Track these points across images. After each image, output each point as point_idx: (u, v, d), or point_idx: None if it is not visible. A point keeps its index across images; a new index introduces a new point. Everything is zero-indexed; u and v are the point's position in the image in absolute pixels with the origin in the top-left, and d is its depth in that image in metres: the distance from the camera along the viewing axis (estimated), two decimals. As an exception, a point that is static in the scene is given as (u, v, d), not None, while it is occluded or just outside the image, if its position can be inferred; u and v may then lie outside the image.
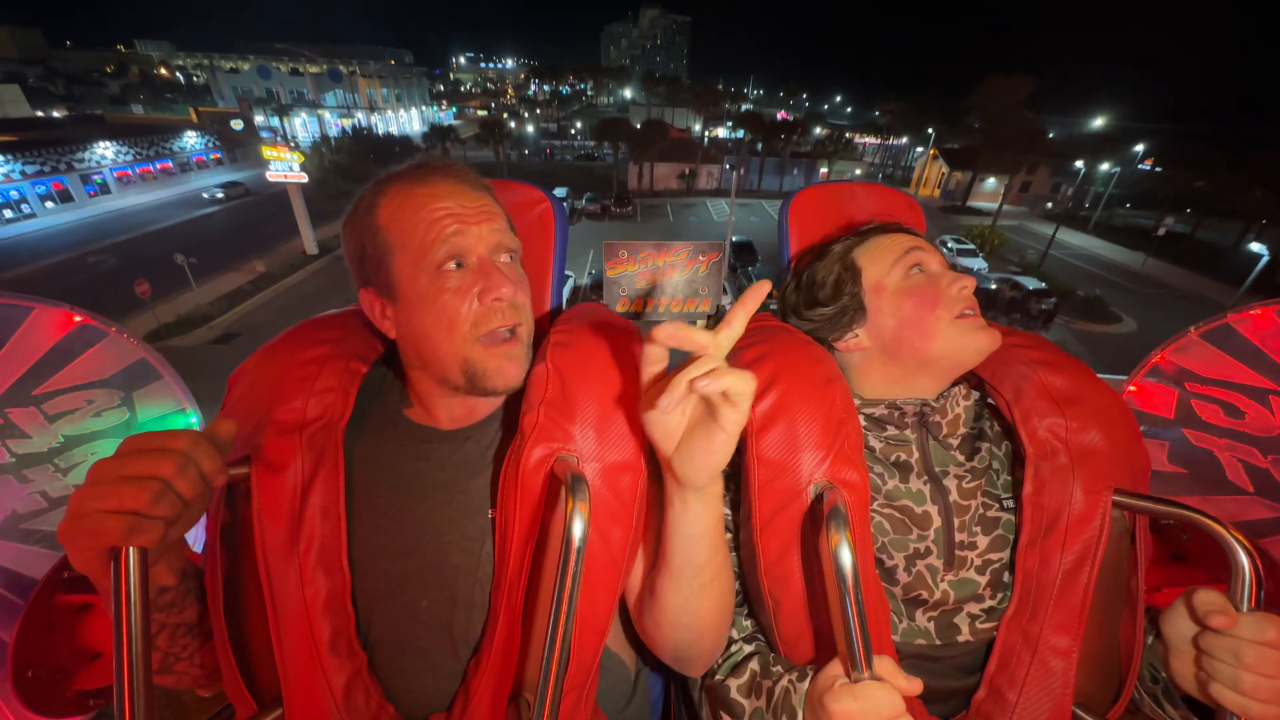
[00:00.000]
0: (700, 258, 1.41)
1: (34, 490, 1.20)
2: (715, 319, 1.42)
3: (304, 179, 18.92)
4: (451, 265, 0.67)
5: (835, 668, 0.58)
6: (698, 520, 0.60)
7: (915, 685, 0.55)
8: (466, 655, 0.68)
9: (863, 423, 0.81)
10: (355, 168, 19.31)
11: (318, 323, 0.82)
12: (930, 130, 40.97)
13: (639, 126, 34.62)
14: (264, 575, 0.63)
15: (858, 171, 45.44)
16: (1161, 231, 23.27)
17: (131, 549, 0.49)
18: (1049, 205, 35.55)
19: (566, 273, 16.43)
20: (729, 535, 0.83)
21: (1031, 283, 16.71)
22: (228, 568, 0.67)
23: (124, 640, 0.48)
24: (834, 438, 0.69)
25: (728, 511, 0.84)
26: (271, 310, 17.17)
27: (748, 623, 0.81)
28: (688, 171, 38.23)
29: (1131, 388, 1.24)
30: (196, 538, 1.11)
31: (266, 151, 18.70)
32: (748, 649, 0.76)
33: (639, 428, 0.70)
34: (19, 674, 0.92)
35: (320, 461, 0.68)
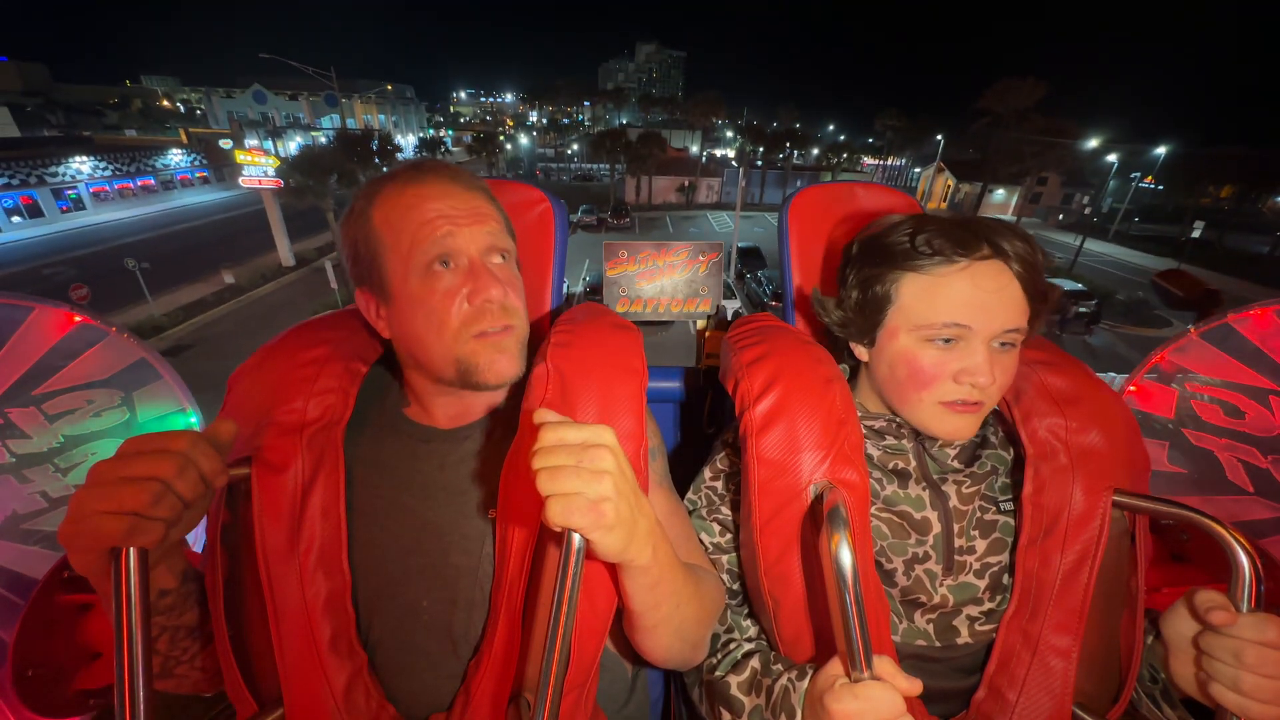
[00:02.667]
0: (700, 258, 1.41)
1: (34, 490, 1.20)
2: (715, 319, 1.42)
3: (279, 184, 17.97)
4: (441, 266, 0.67)
5: (835, 667, 0.58)
6: (640, 589, 0.59)
7: (915, 686, 0.55)
8: (467, 655, 0.68)
9: (863, 431, 0.81)
10: (335, 164, 18.20)
11: (317, 323, 0.82)
12: (939, 138, 39.81)
13: (635, 140, 33.68)
14: (264, 576, 0.63)
15: None
16: (1196, 233, 22.65)
17: (132, 550, 0.49)
18: (1060, 216, 35.33)
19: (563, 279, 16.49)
20: (729, 535, 0.83)
21: (1067, 284, 15.48)
22: (228, 568, 0.67)
23: (124, 641, 0.48)
24: (834, 438, 0.69)
25: (728, 512, 0.84)
26: (232, 321, 15.53)
27: (747, 623, 0.81)
28: (687, 184, 37.35)
29: (1131, 388, 1.24)
30: (197, 538, 1.11)
31: (240, 156, 17.69)
32: (748, 646, 0.76)
33: (640, 429, 0.70)
34: (19, 674, 0.92)
35: (320, 462, 0.68)
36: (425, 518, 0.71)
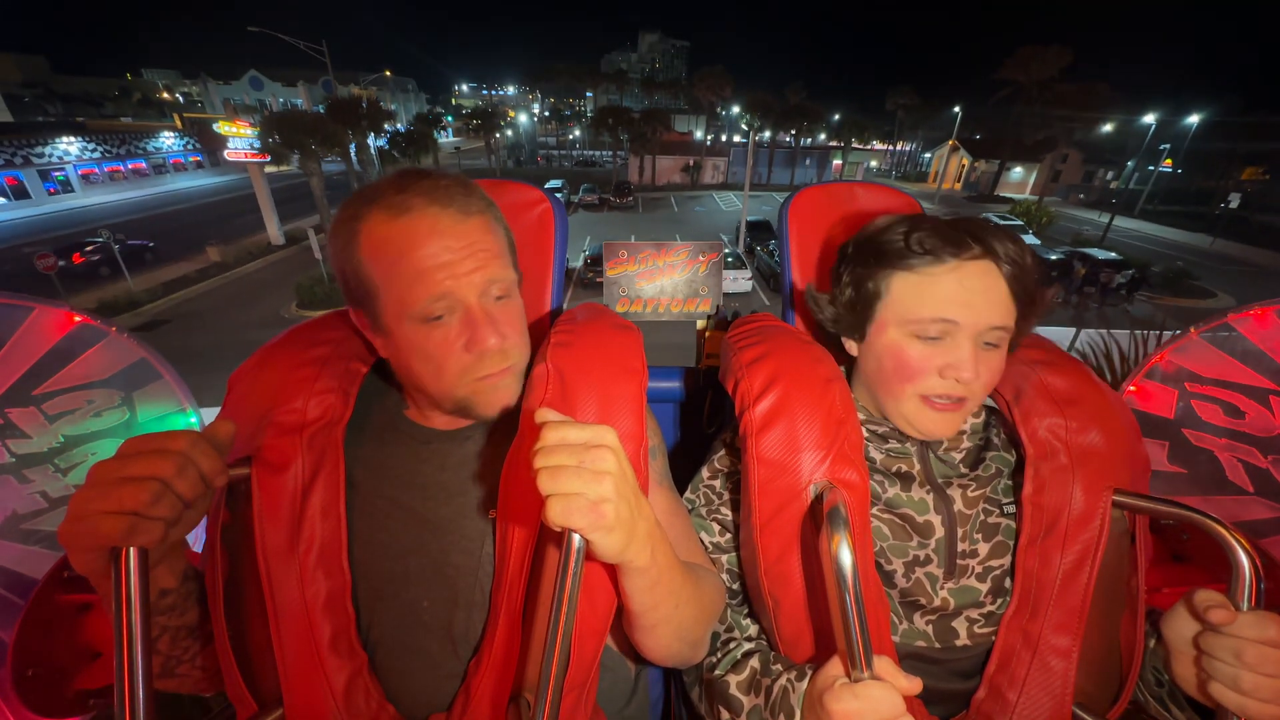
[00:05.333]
0: (700, 258, 1.42)
1: (34, 490, 1.20)
2: (715, 318, 1.42)
3: (266, 159, 17.11)
4: (438, 315, 0.64)
5: (835, 667, 0.58)
6: (639, 590, 0.59)
7: (915, 685, 0.55)
8: (467, 655, 0.68)
9: (865, 435, 0.81)
10: (317, 125, 16.95)
11: (318, 324, 0.82)
12: (956, 110, 36.98)
13: (639, 116, 32.52)
14: (264, 576, 0.63)
15: (873, 163, 43.18)
16: (1234, 204, 21.39)
17: (132, 549, 0.49)
18: (1081, 196, 34.41)
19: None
20: (729, 535, 0.83)
21: (1100, 254, 14.93)
22: (228, 568, 0.68)
23: (124, 640, 0.48)
24: (834, 437, 0.69)
25: (727, 511, 0.84)
26: (216, 298, 14.99)
27: (746, 622, 0.81)
28: (692, 164, 36.31)
29: (1131, 388, 1.24)
30: (197, 538, 1.12)
31: (224, 127, 17.23)
32: (748, 646, 0.76)
33: (640, 429, 0.70)
34: (19, 674, 0.92)
35: (320, 462, 0.68)
36: (425, 518, 0.71)
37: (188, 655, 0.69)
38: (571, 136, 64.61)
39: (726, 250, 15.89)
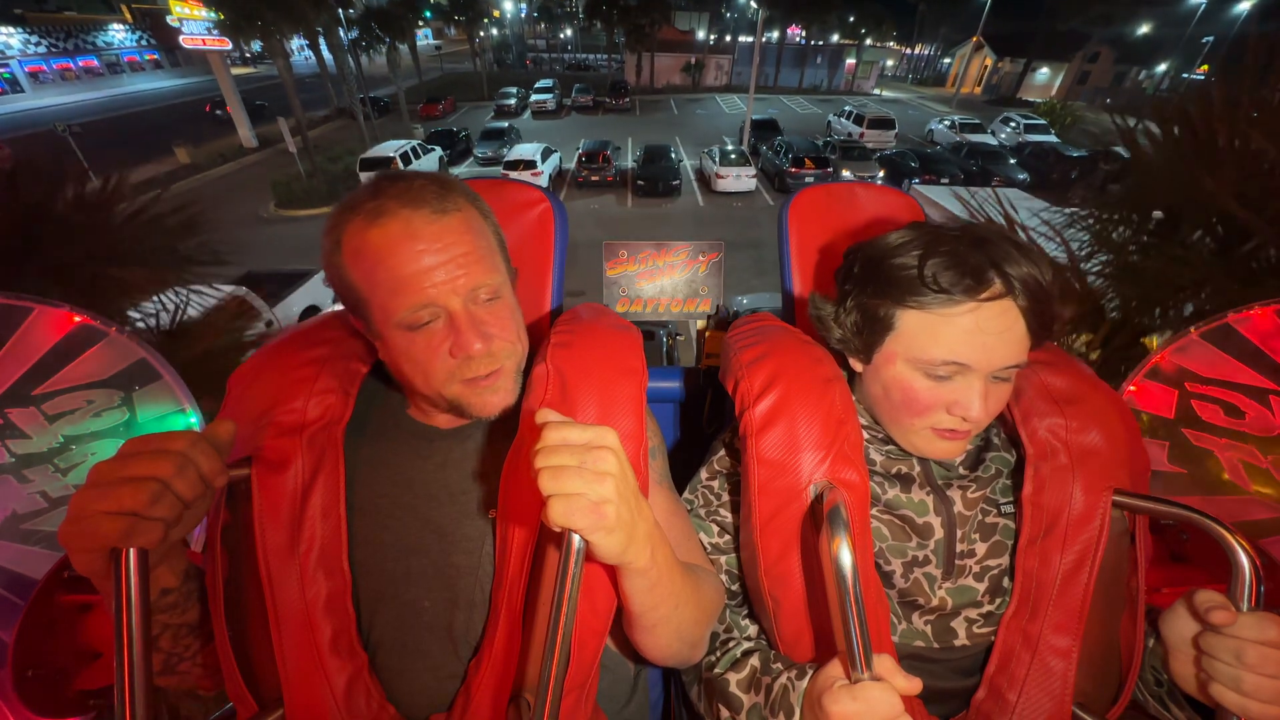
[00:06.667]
0: (700, 258, 1.42)
1: (34, 490, 1.20)
2: (715, 318, 1.43)
3: (226, 45, 15.42)
4: (424, 322, 0.64)
5: (835, 668, 0.58)
6: (638, 591, 0.59)
7: (915, 684, 0.55)
8: (467, 655, 0.68)
9: (866, 437, 0.81)
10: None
11: (317, 324, 0.82)
12: None
13: (635, 5, 29.65)
14: (265, 576, 0.63)
15: (889, 63, 40.89)
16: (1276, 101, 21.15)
17: (131, 550, 0.49)
18: (1109, 100, 31.14)
19: (552, 148, 16.29)
20: (727, 536, 0.83)
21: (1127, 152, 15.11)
22: (229, 568, 0.68)
23: (124, 641, 0.48)
24: (834, 437, 0.69)
25: (726, 513, 0.84)
26: (188, 199, 14.76)
27: (746, 622, 0.81)
28: (693, 62, 33.97)
29: (1131, 388, 1.24)
30: (197, 538, 1.12)
31: (176, 7, 15.33)
32: (747, 645, 0.76)
33: (640, 430, 0.70)
34: (19, 674, 0.92)
35: (321, 462, 0.68)
36: (426, 517, 0.71)
37: (189, 653, 0.69)
38: (563, 36, 59.60)
39: (730, 148, 15.58)
